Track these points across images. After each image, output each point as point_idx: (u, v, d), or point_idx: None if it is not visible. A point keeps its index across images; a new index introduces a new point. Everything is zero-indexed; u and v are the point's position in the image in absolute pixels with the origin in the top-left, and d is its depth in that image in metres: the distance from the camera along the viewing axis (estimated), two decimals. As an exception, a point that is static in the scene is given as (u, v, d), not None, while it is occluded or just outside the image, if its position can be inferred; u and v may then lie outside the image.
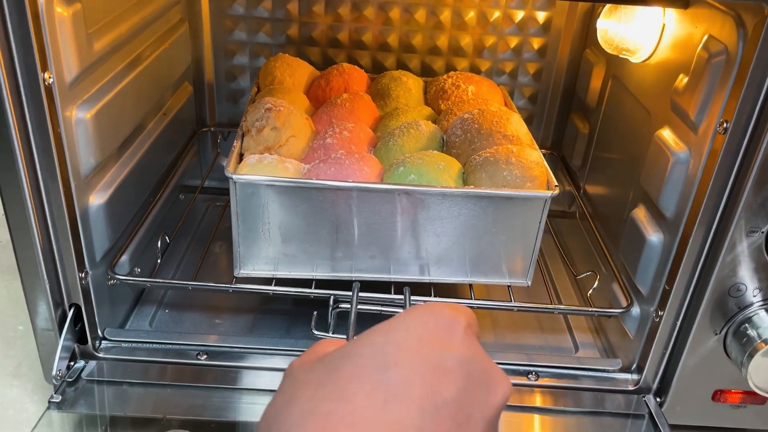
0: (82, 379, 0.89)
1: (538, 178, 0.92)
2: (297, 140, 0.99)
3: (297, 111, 1.03)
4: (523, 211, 0.91)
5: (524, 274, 0.97)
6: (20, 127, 0.72)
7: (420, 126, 1.02)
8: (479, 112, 1.01)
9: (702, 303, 0.83)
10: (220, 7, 1.25)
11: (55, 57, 0.73)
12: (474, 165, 0.94)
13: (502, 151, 0.93)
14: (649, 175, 0.91)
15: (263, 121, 0.97)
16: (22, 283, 0.82)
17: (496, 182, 0.91)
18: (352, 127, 1.02)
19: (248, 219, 0.89)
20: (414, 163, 0.92)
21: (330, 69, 1.21)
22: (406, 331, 0.40)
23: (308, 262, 0.94)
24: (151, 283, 0.98)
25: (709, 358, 0.87)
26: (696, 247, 0.81)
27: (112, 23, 0.88)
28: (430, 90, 1.21)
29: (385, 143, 1.01)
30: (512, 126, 0.99)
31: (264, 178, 0.87)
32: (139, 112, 1.00)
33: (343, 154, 0.94)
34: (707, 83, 0.77)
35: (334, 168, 0.91)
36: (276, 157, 0.94)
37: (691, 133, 0.81)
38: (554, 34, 1.29)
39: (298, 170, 0.94)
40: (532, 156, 0.94)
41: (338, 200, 0.89)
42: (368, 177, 0.92)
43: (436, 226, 0.91)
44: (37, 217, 0.77)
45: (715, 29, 0.78)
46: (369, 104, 1.13)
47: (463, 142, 0.99)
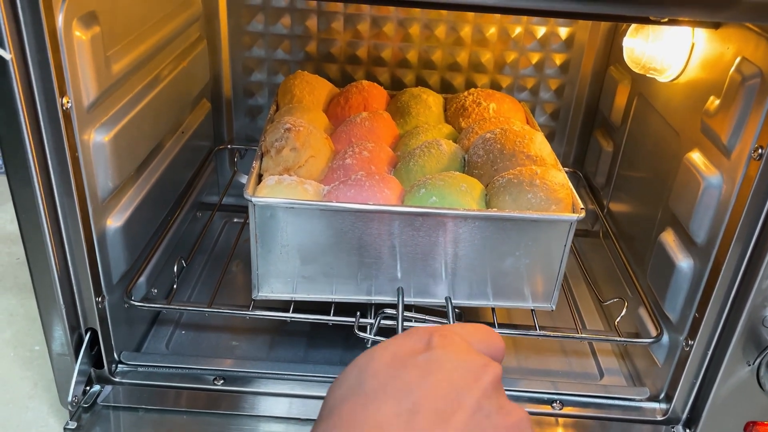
0: (98, 405, 0.88)
1: (563, 200, 0.89)
2: (316, 160, 0.98)
3: (316, 131, 1.01)
4: (548, 234, 0.88)
5: (548, 299, 0.94)
6: (38, 151, 0.71)
7: (441, 145, 1.00)
8: (501, 132, 0.99)
9: (735, 333, 0.80)
10: (239, 24, 1.25)
11: (74, 81, 0.72)
12: (497, 187, 0.92)
13: (526, 172, 0.91)
14: (678, 198, 0.88)
15: (282, 141, 0.96)
16: (39, 307, 0.81)
17: (519, 205, 0.89)
18: (372, 147, 1.00)
19: (267, 241, 0.88)
20: (435, 185, 0.90)
21: (349, 87, 1.19)
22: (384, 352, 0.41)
23: (327, 285, 0.92)
24: (167, 309, 0.97)
25: (742, 389, 0.84)
26: (729, 275, 0.79)
27: (130, 44, 0.87)
28: (450, 107, 1.19)
29: (406, 163, 0.99)
30: (536, 146, 0.97)
31: (283, 200, 0.86)
32: (158, 132, 0.99)
33: (363, 175, 0.93)
34: (741, 107, 0.75)
35: (354, 190, 0.90)
36: (295, 179, 0.92)
37: (724, 157, 0.79)
38: (577, 49, 1.26)
39: (317, 192, 0.93)
40: (557, 177, 0.91)
41: (358, 223, 0.87)
42: (389, 199, 0.90)
43: (458, 249, 0.89)
44: (53, 242, 0.76)
45: (749, 51, 0.76)
46: (388, 122, 1.11)
47: (485, 162, 0.97)
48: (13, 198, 0.74)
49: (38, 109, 0.70)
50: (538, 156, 0.96)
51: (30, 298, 1.17)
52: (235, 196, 1.29)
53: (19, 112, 0.68)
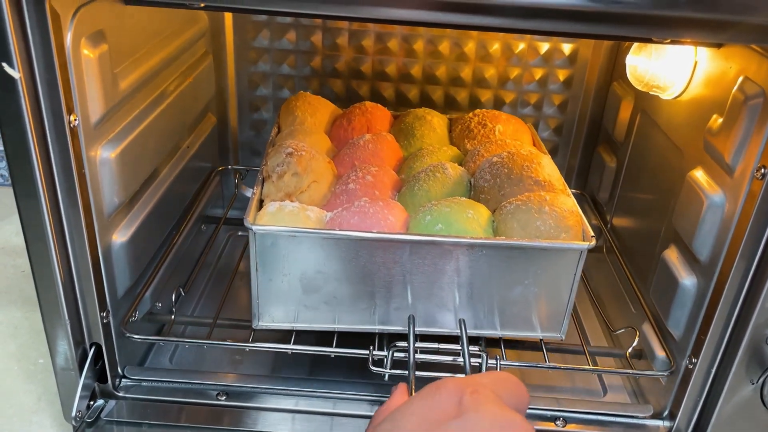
0: (101, 419, 0.88)
1: (573, 228, 0.87)
2: (319, 185, 0.97)
3: (319, 155, 1.00)
4: (557, 262, 0.87)
5: (558, 328, 0.92)
6: (45, 168, 0.72)
7: (446, 169, 0.99)
8: (509, 156, 0.97)
9: (738, 351, 0.80)
10: (245, 39, 1.26)
11: (81, 99, 0.73)
12: (505, 213, 0.90)
13: (535, 198, 0.89)
14: (681, 216, 0.88)
15: (284, 166, 0.94)
16: (43, 321, 0.81)
17: (528, 232, 0.87)
18: (376, 171, 0.99)
19: (268, 270, 0.87)
20: (441, 211, 0.89)
21: (352, 108, 1.18)
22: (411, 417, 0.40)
23: (330, 315, 0.91)
24: (164, 341, 0.96)
25: (745, 408, 0.83)
26: (732, 293, 0.78)
27: (137, 61, 0.88)
28: (455, 129, 1.17)
29: (410, 188, 0.97)
30: (544, 170, 0.95)
31: (285, 228, 0.85)
32: (164, 148, 1.00)
33: (367, 201, 0.91)
34: (743, 126, 0.75)
35: (357, 217, 0.88)
36: (297, 205, 0.91)
37: (727, 175, 0.79)
38: (580, 65, 1.27)
39: (320, 219, 0.91)
40: (567, 204, 0.89)
41: (362, 251, 0.86)
42: (393, 226, 0.89)
43: (464, 277, 0.88)
44: (59, 258, 0.77)
45: (751, 70, 0.76)
46: (392, 145, 1.10)
47: (492, 187, 0.95)
48: (20, 213, 0.74)
49: (46, 126, 0.70)
50: (546, 181, 0.94)
51: (34, 311, 1.17)
52: (240, 209, 1.30)
53: (27, 130, 0.69)
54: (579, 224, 0.88)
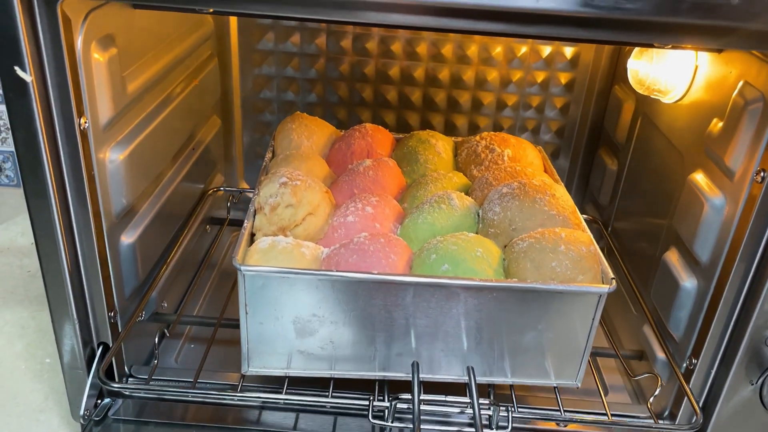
0: (108, 418, 0.89)
1: (591, 269, 0.81)
2: (315, 218, 0.90)
3: (315, 184, 0.93)
4: (574, 307, 0.81)
5: (573, 375, 0.87)
6: (55, 170, 0.73)
7: (452, 200, 0.92)
8: (520, 187, 0.91)
9: (738, 352, 0.81)
10: (249, 42, 1.27)
11: (91, 102, 0.74)
12: (517, 252, 0.84)
13: (549, 235, 0.83)
14: (682, 218, 0.89)
15: (277, 197, 0.88)
16: (52, 321, 0.83)
17: (543, 273, 0.81)
18: (376, 202, 0.93)
19: (258, 312, 0.81)
20: (447, 250, 0.82)
21: (351, 131, 1.12)
22: None
23: (326, 360, 0.85)
24: (157, 393, 0.91)
25: (745, 408, 0.85)
26: (732, 295, 0.80)
27: (145, 64, 0.89)
28: (461, 153, 1.12)
29: (414, 220, 0.91)
30: (558, 202, 0.89)
31: (276, 269, 0.78)
32: (170, 150, 1.01)
33: (367, 238, 0.85)
34: (743, 131, 0.76)
35: (356, 255, 0.82)
36: (291, 241, 0.85)
37: (727, 179, 0.80)
38: (582, 69, 1.28)
39: (315, 256, 0.85)
40: (583, 241, 0.83)
41: (361, 293, 0.80)
42: (395, 266, 0.82)
43: (473, 322, 0.82)
44: (68, 258, 0.78)
45: (751, 75, 0.77)
46: (394, 171, 1.04)
47: (502, 220, 0.88)
48: (30, 214, 0.75)
49: (56, 129, 0.72)
50: (560, 214, 0.88)
51: (41, 310, 1.19)
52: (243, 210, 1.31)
53: (38, 132, 0.70)
54: (597, 264, 0.83)
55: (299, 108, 1.33)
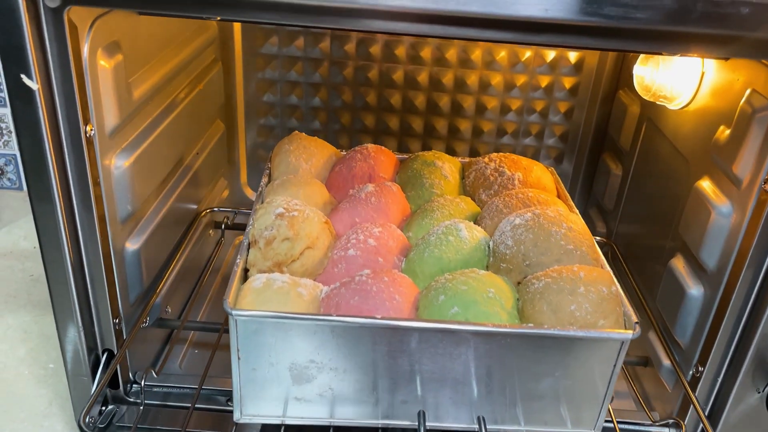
0: (113, 425, 0.89)
1: (613, 313, 0.76)
2: (313, 252, 0.84)
3: (314, 214, 0.87)
4: (594, 353, 0.75)
5: (591, 423, 0.81)
6: (61, 177, 0.73)
7: (461, 231, 0.87)
8: (534, 218, 0.84)
9: (745, 360, 0.81)
10: (253, 46, 1.27)
11: (97, 109, 0.74)
12: (532, 292, 0.78)
13: (567, 274, 0.77)
14: (688, 225, 0.89)
15: (273, 230, 0.82)
16: (57, 328, 0.82)
17: (560, 318, 0.75)
18: (379, 233, 0.87)
19: (252, 359, 0.75)
20: (457, 291, 0.76)
21: (352, 153, 1.07)
22: None
23: (325, 407, 0.79)
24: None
25: (751, 416, 0.84)
26: (739, 303, 0.79)
27: (150, 70, 0.89)
28: (468, 175, 1.06)
29: (420, 253, 0.85)
30: (575, 236, 0.83)
31: (270, 314, 0.72)
32: (175, 155, 1.01)
33: (369, 276, 0.79)
34: (751, 139, 0.76)
35: (358, 296, 0.76)
36: (287, 280, 0.78)
37: (734, 186, 0.80)
38: (586, 73, 1.28)
39: (314, 296, 0.79)
40: (604, 281, 0.77)
41: (363, 339, 0.74)
42: (400, 308, 0.77)
43: (484, 368, 0.76)
44: (74, 265, 0.78)
45: (759, 83, 0.77)
46: (398, 197, 0.98)
47: (515, 255, 0.82)
48: (36, 222, 0.75)
49: (62, 136, 0.71)
50: (577, 249, 0.82)
51: (44, 315, 1.18)
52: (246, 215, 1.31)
53: (44, 140, 0.70)
54: (619, 307, 0.77)
55: (302, 112, 1.33)
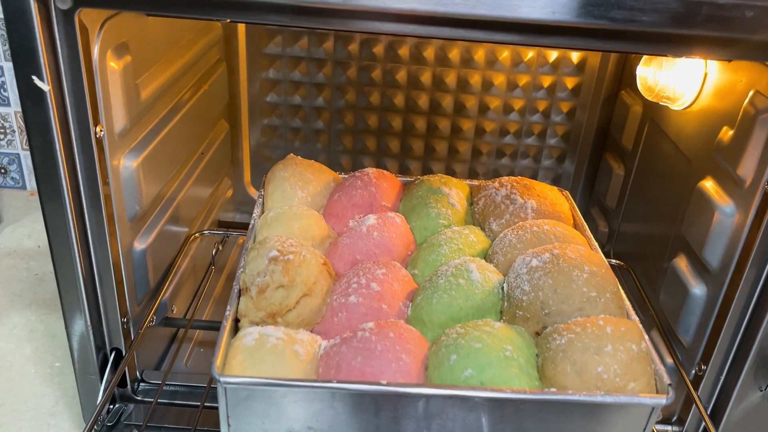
0: (121, 423, 0.89)
1: (644, 374, 0.68)
2: (311, 299, 0.77)
3: (311, 255, 0.80)
4: (622, 419, 0.68)
5: None
6: (71, 177, 0.74)
7: (472, 273, 0.79)
8: (552, 260, 0.76)
9: (747, 359, 0.81)
10: (257, 47, 1.27)
11: (107, 110, 0.75)
12: (554, 350, 0.70)
13: (592, 330, 0.69)
14: (691, 225, 0.90)
15: (266, 277, 0.74)
16: (66, 327, 0.83)
17: (586, 380, 0.67)
18: (383, 276, 0.80)
19: (243, 426, 0.69)
20: (470, 349, 0.69)
21: (353, 179, 0.99)
22: None
23: None
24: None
25: (754, 414, 0.85)
26: (742, 301, 0.80)
27: (157, 70, 0.90)
28: (477, 201, 0.98)
29: (428, 300, 0.78)
30: (598, 282, 0.75)
31: (264, 381, 0.65)
32: (181, 155, 1.01)
33: (373, 331, 0.72)
34: (755, 140, 0.77)
35: (361, 356, 0.69)
36: (282, 336, 0.71)
37: (737, 187, 0.81)
38: (589, 74, 1.29)
39: (312, 355, 0.72)
40: (633, 336, 0.69)
41: (366, 406, 0.68)
42: (407, 370, 0.69)
43: None
44: (83, 265, 0.78)
45: (762, 84, 0.78)
46: (402, 230, 0.91)
47: (533, 302, 0.75)
48: (45, 221, 0.76)
49: (72, 137, 0.72)
50: (601, 296, 0.74)
51: (49, 314, 1.19)
52: (248, 213, 1.31)
53: (55, 141, 0.70)
54: (650, 366, 0.70)
55: (306, 112, 1.34)
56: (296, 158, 1.01)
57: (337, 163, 1.39)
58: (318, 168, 1.01)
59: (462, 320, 0.77)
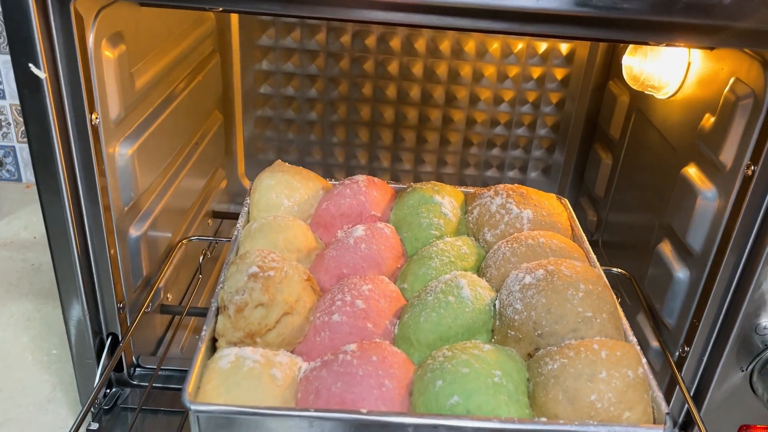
0: (117, 407, 0.91)
1: (640, 402, 0.65)
2: (292, 318, 0.73)
3: (294, 271, 0.76)
4: None
5: None
6: (67, 164, 0.75)
7: (462, 289, 0.76)
8: (547, 277, 0.73)
9: (729, 340, 0.84)
10: (250, 38, 1.29)
11: (102, 98, 0.76)
12: (545, 375, 0.67)
13: (586, 355, 0.66)
14: (675, 211, 0.92)
15: (245, 295, 0.71)
16: (63, 313, 0.84)
17: (579, 409, 0.64)
18: (369, 292, 0.76)
19: None
20: (457, 374, 0.66)
21: (342, 187, 0.95)
22: None
23: None
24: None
25: (735, 394, 0.87)
26: (723, 284, 0.82)
27: (151, 60, 0.91)
28: (472, 210, 0.95)
29: (415, 318, 0.74)
30: (594, 301, 0.72)
31: (237, 409, 0.63)
32: (175, 144, 1.03)
33: (355, 354, 0.68)
34: (734, 126, 0.79)
35: (341, 382, 0.66)
36: (260, 359, 0.67)
37: (719, 172, 0.83)
38: (577, 65, 1.31)
39: (291, 379, 0.68)
40: (630, 362, 0.66)
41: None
42: (390, 397, 0.66)
43: None
44: (80, 251, 0.80)
45: (742, 72, 0.80)
46: (391, 242, 0.88)
47: (525, 322, 0.71)
48: (43, 208, 0.77)
49: (68, 124, 0.74)
50: (597, 316, 0.71)
51: (45, 303, 1.20)
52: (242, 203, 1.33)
53: (51, 128, 0.72)
54: (647, 393, 0.67)
55: (299, 103, 1.35)
56: (284, 165, 0.98)
57: (330, 154, 1.41)
58: (306, 175, 0.98)
59: (451, 340, 0.74)
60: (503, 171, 1.43)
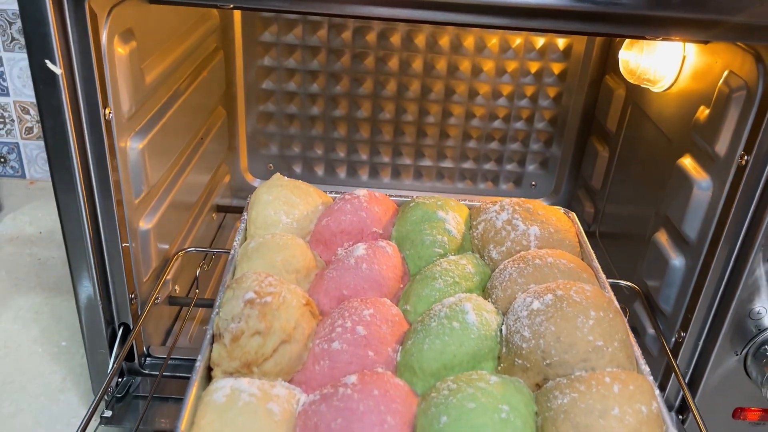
0: (129, 395, 0.93)
1: None
2: (290, 346, 0.70)
3: (292, 296, 0.73)
4: None
5: None
6: (81, 159, 0.77)
7: (467, 314, 0.73)
8: (556, 303, 0.70)
9: (723, 325, 0.86)
10: (253, 34, 1.31)
11: (114, 93, 0.78)
12: (555, 409, 0.64)
13: (597, 387, 0.63)
14: (671, 201, 0.95)
15: (241, 322, 0.68)
16: (77, 304, 0.87)
17: None
18: (370, 317, 0.73)
19: None
20: (462, 409, 0.62)
21: (343, 202, 0.92)
22: None
23: None
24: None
25: (730, 378, 0.90)
26: (718, 271, 0.85)
27: (160, 56, 0.93)
28: (476, 225, 0.92)
29: (418, 345, 0.71)
30: (605, 329, 0.69)
31: None
32: (182, 139, 1.05)
33: (356, 387, 0.65)
34: (728, 117, 0.81)
35: (341, 418, 0.62)
36: (257, 392, 0.64)
37: (713, 162, 0.85)
38: (574, 59, 1.33)
39: (289, 413, 0.65)
40: (643, 396, 0.64)
41: None
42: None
43: None
44: (93, 243, 0.82)
45: (735, 65, 0.82)
46: (393, 261, 0.85)
47: (533, 351, 0.69)
48: (57, 201, 0.79)
49: (83, 119, 0.76)
50: (608, 345, 0.68)
51: (53, 296, 1.22)
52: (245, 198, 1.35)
53: (66, 122, 0.74)
54: (661, 429, 0.64)
55: (301, 98, 1.37)
56: (282, 179, 0.95)
57: (332, 148, 1.43)
58: (305, 190, 0.94)
59: (456, 368, 0.71)
60: (502, 164, 1.45)
